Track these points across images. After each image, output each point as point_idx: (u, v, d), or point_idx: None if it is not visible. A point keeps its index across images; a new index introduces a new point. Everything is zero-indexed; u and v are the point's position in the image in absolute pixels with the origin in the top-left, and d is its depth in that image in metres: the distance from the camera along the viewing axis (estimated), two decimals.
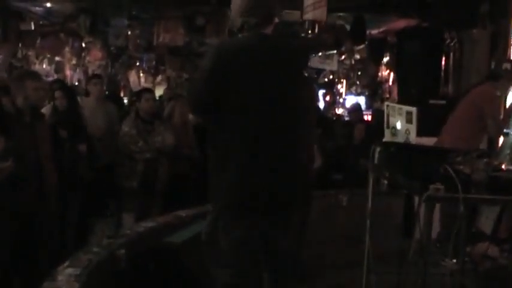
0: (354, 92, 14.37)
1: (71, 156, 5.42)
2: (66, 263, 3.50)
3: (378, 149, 3.68)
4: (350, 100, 13.57)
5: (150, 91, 7.04)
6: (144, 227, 4.57)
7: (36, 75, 4.99)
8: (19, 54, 10.71)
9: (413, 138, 4.06)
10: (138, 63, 14.44)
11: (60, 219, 5.15)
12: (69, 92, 6.39)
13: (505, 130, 5.45)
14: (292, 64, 2.99)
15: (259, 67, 2.81)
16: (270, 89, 2.81)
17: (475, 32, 7.46)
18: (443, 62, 8.16)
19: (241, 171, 2.78)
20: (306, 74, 4.02)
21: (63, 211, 5.24)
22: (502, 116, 5.42)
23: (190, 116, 6.53)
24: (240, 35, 2.96)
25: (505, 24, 6.72)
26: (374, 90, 12.78)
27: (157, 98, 9.07)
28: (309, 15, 6.68)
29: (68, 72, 12.37)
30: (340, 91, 15.19)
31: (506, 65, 5.29)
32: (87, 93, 7.06)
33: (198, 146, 6.78)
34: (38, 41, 10.69)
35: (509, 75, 5.21)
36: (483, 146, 5.68)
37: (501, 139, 5.78)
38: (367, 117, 10.75)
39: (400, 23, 8.71)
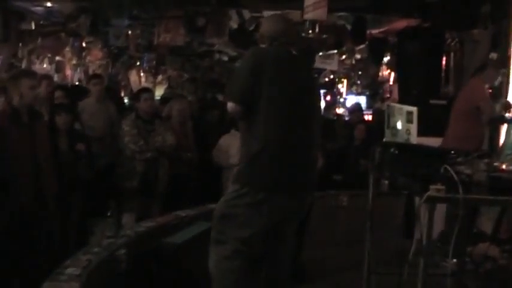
0: (354, 91, 14.40)
1: (70, 156, 5.42)
2: (67, 263, 3.50)
3: (379, 149, 3.67)
4: (350, 100, 13.59)
5: (149, 91, 7.01)
6: (144, 227, 4.57)
7: (31, 74, 4.98)
8: (19, 54, 10.72)
9: (413, 139, 4.05)
10: (138, 63, 14.45)
11: (61, 219, 5.14)
12: (69, 91, 6.40)
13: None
14: (309, 77, 3.80)
15: (285, 73, 3.38)
16: (292, 92, 3.35)
17: (476, 32, 7.46)
18: (444, 62, 8.15)
19: (275, 157, 3.27)
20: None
21: (65, 211, 5.23)
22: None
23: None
24: (268, 47, 3.50)
25: (506, 25, 6.70)
26: (375, 90, 12.80)
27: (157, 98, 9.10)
28: (309, 15, 6.69)
29: (69, 72, 12.38)
30: (341, 91, 15.21)
31: (493, 55, 5.30)
32: (86, 93, 7.04)
33: (199, 146, 6.79)
34: (39, 41, 10.69)
35: (495, 63, 5.21)
36: (484, 146, 5.68)
37: (501, 140, 5.76)
38: (368, 117, 10.75)
39: (401, 23, 8.70)
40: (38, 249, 4.56)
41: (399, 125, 4.15)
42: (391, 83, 11.58)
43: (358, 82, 14.15)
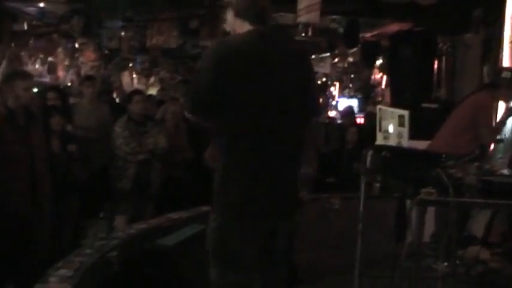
0: (346, 95, 14.42)
1: (63, 157, 5.41)
2: (58, 265, 3.49)
3: (370, 153, 3.68)
4: (343, 103, 13.59)
5: (140, 92, 7.00)
6: (136, 229, 4.56)
7: (26, 75, 4.96)
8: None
9: (405, 142, 4.08)
10: (131, 65, 14.45)
11: (56, 221, 5.13)
12: (62, 93, 6.39)
13: (497, 137, 5.40)
14: (293, 61, 2.84)
15: (259, 64, 2.73)
16: (269, 87, 2.71)
17: (468, 37, 7.50)
18: (435, 66, 8.20)
19: (251, 175, 2.73)
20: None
21: (59, 212, 5.22)
22: (495, 124, 5.37)
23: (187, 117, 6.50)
24: (234, 35, 2.93)
25: (498, 29, 6.73)
26: (367, 93, 12.83)
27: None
28: (302, 18, 6.71)
29: (61, 73, 12.36)
30: (333, 94, 15.24)
31: (507, 74, 5.18)
32: (80, 95, 7.03)
33: (192, 148, 6.79)
34: (31, 42, 10.67)
35: (509, 83, 5.10)
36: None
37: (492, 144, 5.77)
38: (360, 120, 10.77)
39: (393, 27, 8.74)
40: (32, 250, 4.55)
41: (391, 129, 4.18)
42: (383, 86, 11.61)
43: (351, 85, 14.18)
